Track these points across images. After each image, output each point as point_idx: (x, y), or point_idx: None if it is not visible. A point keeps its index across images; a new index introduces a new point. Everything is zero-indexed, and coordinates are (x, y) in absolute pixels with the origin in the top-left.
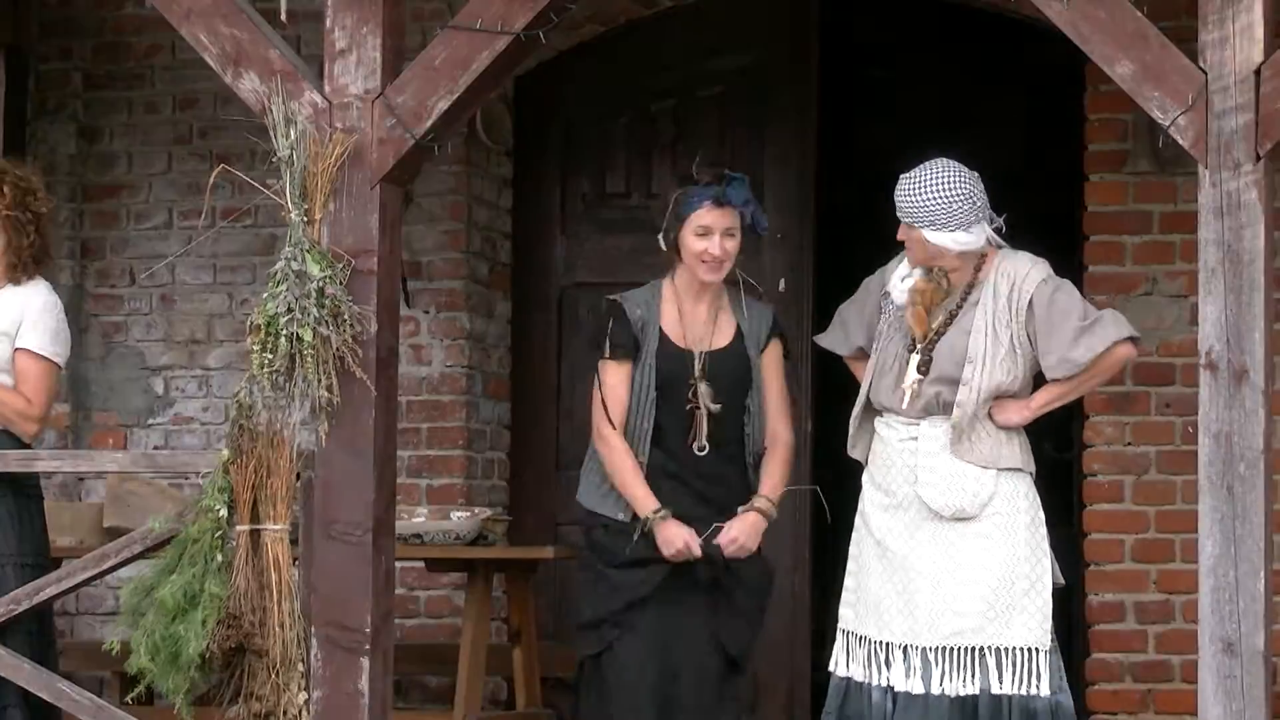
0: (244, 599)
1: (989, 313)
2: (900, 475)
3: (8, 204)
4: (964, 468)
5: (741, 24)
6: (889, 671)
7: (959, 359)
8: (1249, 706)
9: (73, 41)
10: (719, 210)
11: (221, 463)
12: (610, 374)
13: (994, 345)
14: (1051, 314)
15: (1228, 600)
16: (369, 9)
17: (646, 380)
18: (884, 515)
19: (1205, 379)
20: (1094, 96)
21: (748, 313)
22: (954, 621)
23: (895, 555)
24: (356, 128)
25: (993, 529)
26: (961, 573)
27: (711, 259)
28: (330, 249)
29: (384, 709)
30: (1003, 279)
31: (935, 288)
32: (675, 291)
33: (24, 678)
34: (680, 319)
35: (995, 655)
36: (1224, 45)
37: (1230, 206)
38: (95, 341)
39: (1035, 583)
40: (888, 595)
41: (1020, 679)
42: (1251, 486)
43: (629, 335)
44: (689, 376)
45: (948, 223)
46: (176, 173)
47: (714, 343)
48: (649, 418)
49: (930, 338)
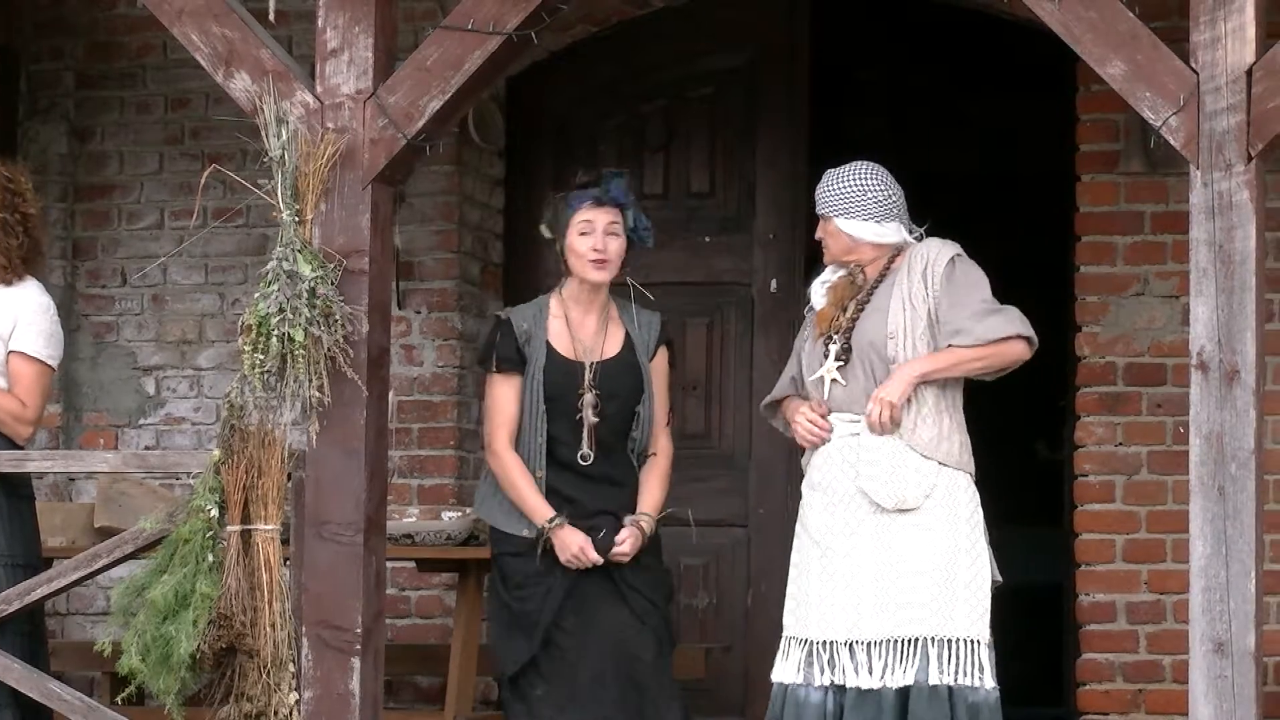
0: (235, 599)
1: (904, 291)
2: (840, 471)
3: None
4: (905, 459)
5: (732, 25)
6: (832, 672)
7: (880, 336)
8: (1239, 706)
9: (64, 41)
10: (600, 208)
11: (213, 463)
12: (496, 387)
13: (913, 319)
14: (961, 286)
15: (1219, 601)
16: (361, 9)
17: (535, 394)
18: (823, 515)
19: (1196, 379)
20: (1085, 97)
21: (637, 320)
22: (897, 613)
23: (836, 553)
24: (348, 128)
25: (934, 522)
26: (903, 565)
27: (596, 255)
28: (322, 249)
29: (375, 709)
30: (916, 259)
31: (849, 283)
32: (563, 304)
33: (15, 678)
34: (569, 331)
35: (938, 646)
36: (1215, 46)
37: (1222, 207)
38: (86, 341)
39: (976, 576)
40: (829, 594)
41: (963, 670)
42: (1242, 487)
43: (514, 349)
44: (578, 387)
45: (859, 211)
46: (168, 173)
47: (604, 352)
48: (541, 432)
49: (845, 327)
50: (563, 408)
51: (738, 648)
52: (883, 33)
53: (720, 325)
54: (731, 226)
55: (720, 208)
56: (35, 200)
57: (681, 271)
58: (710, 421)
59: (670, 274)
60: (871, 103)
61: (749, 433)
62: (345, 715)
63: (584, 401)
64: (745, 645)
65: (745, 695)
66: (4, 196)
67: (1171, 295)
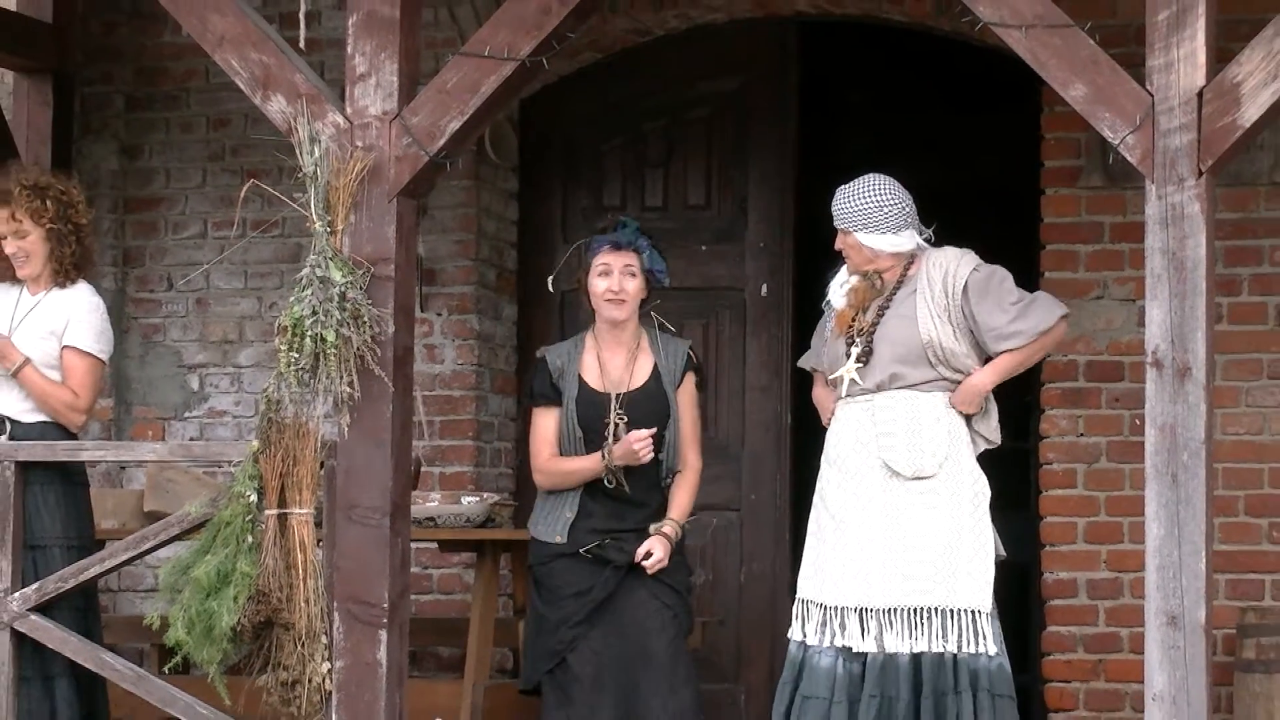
0: (272, 577)
1: (928, 299)
2: (855, 448)
3: (50, 217)
4: (920, 431)
5: (727, 51)
6: (843, 635)
7: (909, 343)
8: (1191, 675)
9: (115, 67)
10: (616, 252)
11: (252, 452)
12: (536, 418)
13: (942, 325)
14: (992, 292)
15: (1172, 578)
16: (387, 37)
17: (570, 424)
18: (838, 491)
19: (1151, 376)
20: (1050, 117)
21: (664, 350)
22: (904, 584)
23: (849, 525)
24: (375, 146)
25: (939, 500)
26: (910, 539)
27: (613, 296)
28: (351, 257)
29: (400, 678)
30: (935, 269)
31: (869, 287)
32: (595, 341)
33: (71, 649)
34: (599, 365)
35: (942, 616)
36: (1169, 70)
37: (1175, 218)
38: (136, 341)
39: (979, 550)
40: (842, 563)
41: (966, 639)
42: (1194, 474)
43: (549, 385)
44: (604, 418)
45: (879, 225)
46: (210, 187)
47: (631, 383)
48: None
49: (866, 330)
50: (594, 436)
51: (731, 621)
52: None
53: (715, 326)
54: (726, 236)
55: (715, 219)
56: (87, 211)
57: (680, 277)
58: (706, 415)
59: (670, 279)
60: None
61: (742, 425)
62: (373, 683)
63: (609, 430)
64: (738, 618)
65: (738, 663)
66: (58, 208)
67: (1129, 299)
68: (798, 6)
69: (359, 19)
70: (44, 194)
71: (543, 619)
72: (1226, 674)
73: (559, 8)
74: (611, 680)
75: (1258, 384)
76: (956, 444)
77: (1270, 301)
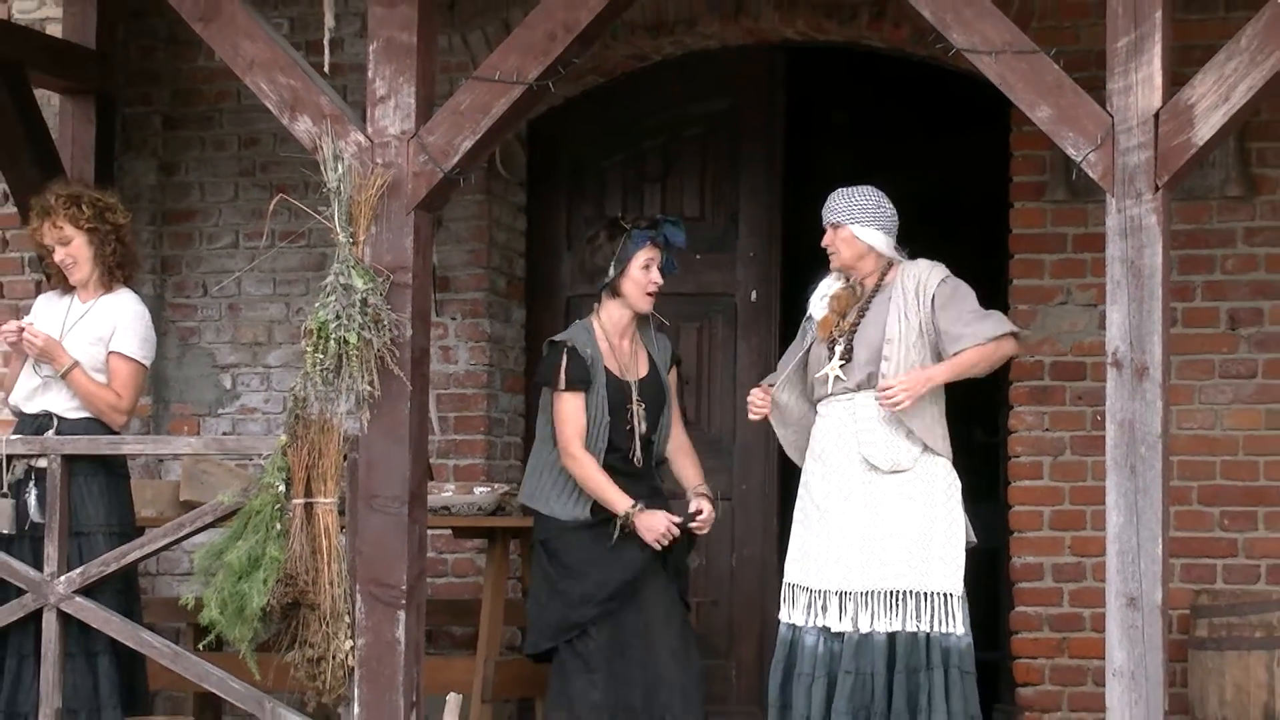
0: (299, 561)
1: (900, 305)
2: (838, 445)
3: (88, 219)
4: (897, 428)
5: (719, 76)
6: (824, 616)
7: (879, 340)
8: (1149, 652)
9: (153, 89)
10: (657, 249)
11: (280, 446)
12: (568, 404)
13: (907, 329)
14: (952, 301)
15: (1131, 562)
16: (405, 62)
17: (600, 408)
18: (822, 483)
19: (1111, 375)
20: (1017, 136)
21: (657, 343)
22: (881, 569)
23: (831, 515)
24: (394, 163)
25: (915, 491)
26: (888, 527)
27: (654, 288)
28: (372, 266)
29: (417, 654)
30: (909, 279)
31: (850, 294)
32: (604, 330)
33: (113, 628)
34: (613, 354)
35: (916, 598)
36: (1128, 93)
37: (1133, 229)
38: (173, 344)
39: (951, 538)
40: (824, 550)
41: (938, 619)
42: (1151, 466)
43: (584, 370)
44: (628, 402)
45: (874, 221)
46: (242, 201)
47: (639, 372)
48: (604, 438)
49: (847, 332)
50: (619, 422)
51: (723, 601)
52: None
53: (709, 329)
54: (718, 246)
55: (709, 230)
56: (124, 213)
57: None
58: (701, 410)
59: (667, 286)
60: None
61: (734, 420)
62: (392, 659)
63: (633, 414)
64: (730, 599)
65: (730, 640)
66: (94, 210)
67: (1090, 304)
68: (785, 33)
69: (379, 45)
70: (79, 200)
71: (560, 592)
72: (1181, 651)
73: (564, 35)
74: (633, 649)
75: (1210, 383)
76: (931, 441)
77: (1221, 306)
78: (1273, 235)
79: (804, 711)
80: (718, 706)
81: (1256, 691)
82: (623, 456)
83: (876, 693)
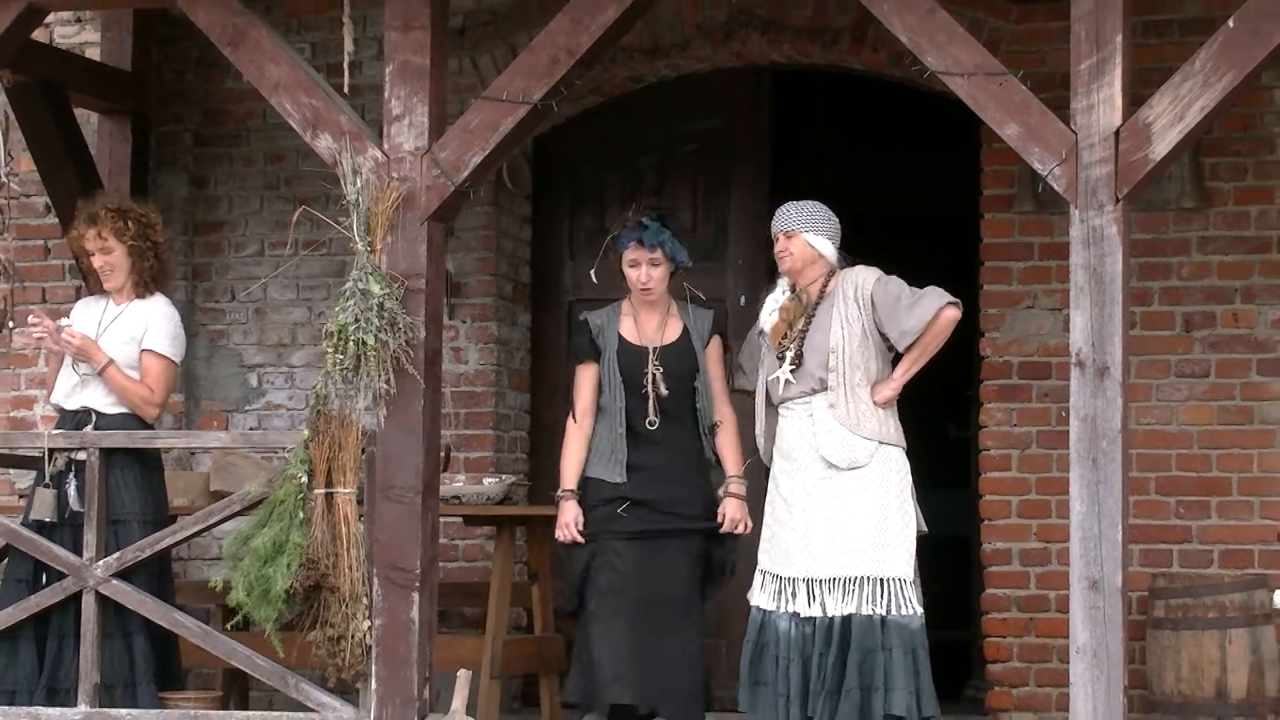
0: (320, 547)
1: (841, 313)
2: (800, 444)
3: (132, 235)
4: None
5: (710, 96)
6: (794, 602)
7: (825, 348)
8: (1110, 631)
9: (184, 109)
10: (640, 248)
11: (303, 440)
12: (578, 375)
13: (849, 336)
14: (886, 300)
15: (1093, 548)
16: (419, 83)
17: (613, 372)
18: (789, 479)
19: (1075, 374)
20: (988, 152)
21: (693, 315)
22: (842, 557)
23: (797, 508)
24: (409, 177)
25: (871, 484)
26: (846, 519)
27: (642, 287)
28: (388, 273)
29: (430, 633)
30: (848, 285)
31: (796, 304)
32: (632, 306)
33: (147, 610)
34: (636, 325)
35: (872, 584)
36: (1090, 112)
37: (1095, 239)
38: (203, 345)
39: (904, 528)
40: (793, 540)
41: (893, 602)
42: (1111, 459)
43: (589, 343)
44: (644, 368)
45: (824, 230)
46: (267, 212)
47: (664, 339)
48: (620, 399)
49: (796, 338)
50: (634, 384)
51: None
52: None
53: None
54: (710, 254)
55: (701, 240)
56: (164, 232)
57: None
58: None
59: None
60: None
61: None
62: (407, 638)
63: (648, 378)
64: None
65: (719, 622)
66: (138, 228)
67: (1055, 308)
68: (771, 57)
69: (394, 68)
70: (125, 215)
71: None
72: (1140, 630)
73: (566, 58)
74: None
75: (1166, 381)
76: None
77: (1177, 311)
78: (1225, 244)
79: (784, 691)
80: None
81: (1209, 668)
82: (640, 421)
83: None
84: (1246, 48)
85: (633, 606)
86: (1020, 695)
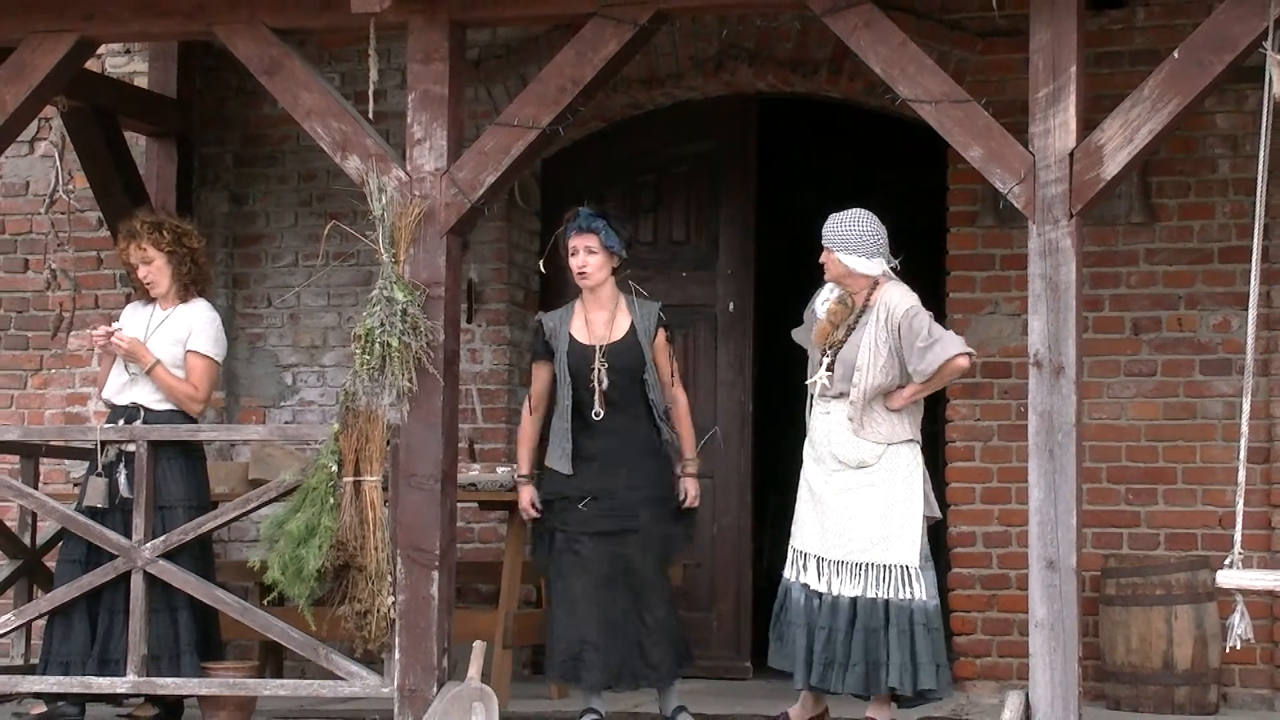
0: (349, 530)
1: (872, 333)
2: (821, 438)
3: (168, 242)
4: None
5: (703, 122)
6: (805, 574)
7: (853, 365)
8: (1065, 607)
9: (225, 132)
10: (580, 235)
11: (333, 433)
12: (533, 371)
13: (874, 356)
14: (909, 337)
15: (1050, 531)
16: (438, 110)
17: (564, 370)
18: (813, 466)
19: (1033, 373)
20: (954, 172)
21: (640, 311)
22: (849, 544)
23: (817, 494)
24: (429, 195)
25: (879, 479)
26: (855, 509)
27: (579, 271)
28: (411, 281)
29: (448, 608)
30: (883, 307)
31: (843, 307)
32: (582, 305)
33: (191, 587)
34: (586, 324)
35: (877, 570)
36: (1047, 135)
37: (1050, 250)
38: (243, 346)
39: (909, 519)
40: (813, 522)
41: (896, 587)
42: (1066, 450)
43: (543, 343)
44: (591, 364)
45: (855, 249)
46: (301, 226)
47: (612, 336)
48: (568, 396)
49: (836, 346)
50: (582, 380)
51: (705, 564)
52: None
53: (693, 336)
54: (701, 265)
55: (694, 252)
56: (198, 237)
57: (665, 297)
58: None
59: (658, 299)
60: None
61: (714, 411)
62: (428, 612)
63: (594, 374)
64: (711, 562)
65: (711, 597)
66: (173, 235)
67: (1015, 314)
68: (757, 86)
69: (416, 96)
70: (160, 226)
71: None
72: (1093, 607)
73: (572, 88)
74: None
75: (1116, 380)
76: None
77: (1126, 316)
78: (1170, 255)
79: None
80: (701, 651)
81: (1157, 641)
82: (588, 411)
83: (839, 647)
84: (1190, 77)
85: (596, 586)
86: (984, 665)
